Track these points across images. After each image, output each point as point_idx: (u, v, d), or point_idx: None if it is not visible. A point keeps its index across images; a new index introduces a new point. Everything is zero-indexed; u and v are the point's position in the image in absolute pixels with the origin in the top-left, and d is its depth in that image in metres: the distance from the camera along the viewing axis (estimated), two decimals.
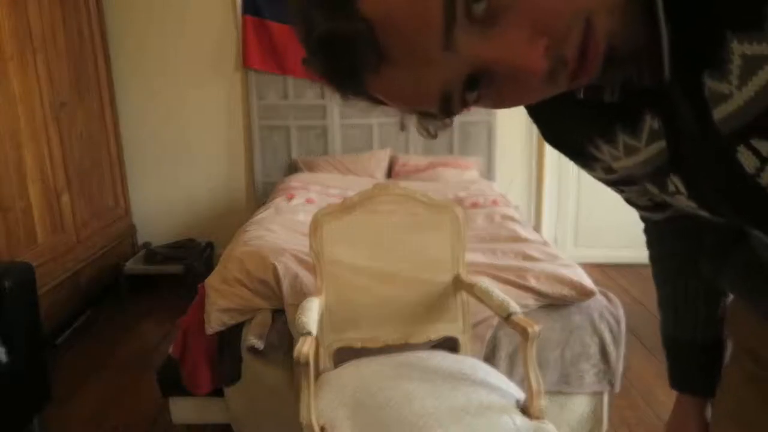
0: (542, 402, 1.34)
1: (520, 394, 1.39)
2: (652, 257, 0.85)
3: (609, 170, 0.66)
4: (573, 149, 0.68)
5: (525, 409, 1.31)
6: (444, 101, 0.44)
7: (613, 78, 0.47)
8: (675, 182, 0.54)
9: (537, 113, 0.66)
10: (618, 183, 0.69)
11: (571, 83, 0.43)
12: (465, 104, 0.44)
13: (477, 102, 0.45)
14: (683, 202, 0.55)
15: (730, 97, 0.43)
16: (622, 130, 0.55)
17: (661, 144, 0.52)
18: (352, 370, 1.49)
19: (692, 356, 0.78)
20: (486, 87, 0.43)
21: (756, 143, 0.43)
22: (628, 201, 0.77)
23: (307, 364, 1.27)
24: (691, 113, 0.46)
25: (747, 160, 0.44)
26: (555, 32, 0.40)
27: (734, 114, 0.43)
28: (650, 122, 0.52)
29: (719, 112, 0.44)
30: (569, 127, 0.64)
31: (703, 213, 0.55)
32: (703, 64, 0.44)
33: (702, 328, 0.77)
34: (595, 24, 0.40)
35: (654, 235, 0.84)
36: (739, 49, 0.40)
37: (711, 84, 0.44)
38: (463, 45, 0.40)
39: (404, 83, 0.43)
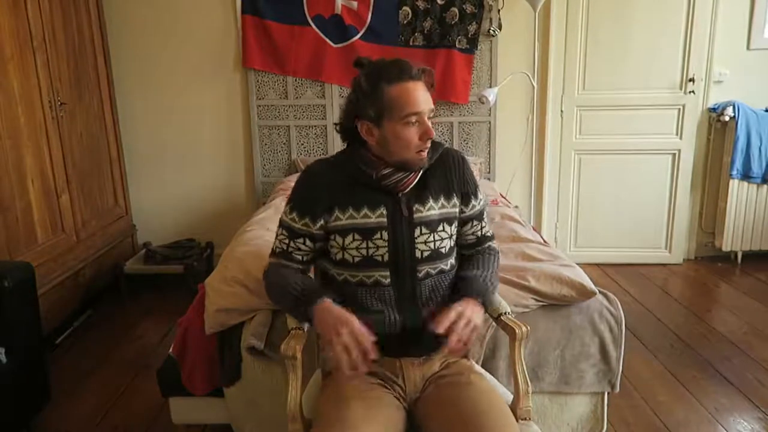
0: (529, 403, 1.34)
1: (508, 395, 1.39)
2: (277, 283, 1.40)
3: (323, 225, 1.36)
4: (322, 206, 1.35)
5: (512, 410, 1.31)
6: None
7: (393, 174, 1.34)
8: (382, 235, 1.33)
9: (323, 182, 1.36)
10: (312, 237, 1.38)
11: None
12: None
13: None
14: (375, 243, 1.34)
15: (421, 213, 1.36)
16: (365, 208, 1.34)
17: (383, 220, 1.33)
18: None
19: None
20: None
21: (423, 227, 1.36)
22: (287, 251, 1.40)
23: (294, 357, 1.30)
24: (407, 212, 1.35)
25: (418, 233, 1.36)
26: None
27: (421, 218, 1.36)
28: (382, 209, 1.34)
29: (416, 216, 1.36)
30: (336, 196, 1.34)
31: (381, 248, 1.34)
32: (418, 200, 1.37)
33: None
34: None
35: (280, 272, 1.40)
36: (433, 205, 1.38)
37: (418, 206, 1.36)
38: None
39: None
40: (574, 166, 3.78)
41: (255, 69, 3.57)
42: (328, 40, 3.52)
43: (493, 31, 3.51)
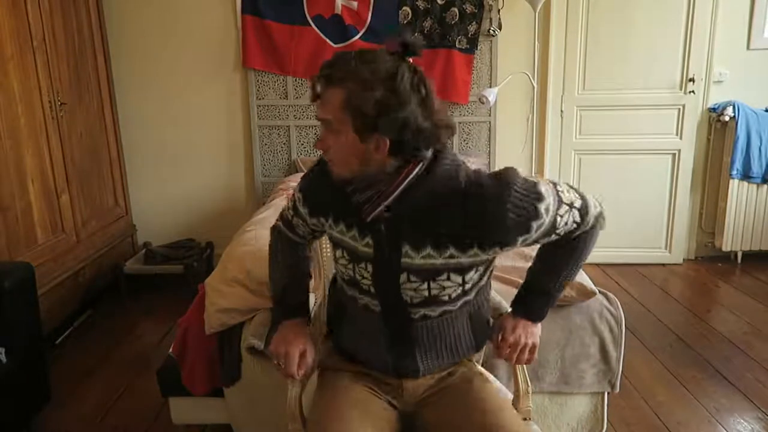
0: (529, 403, 1.34)
1: (508, 395, 1.39)
2: (275, 257, 1.38)
3: (319, 226, 1.26)
4: (319, 207, 1.21)
5: None
6: None
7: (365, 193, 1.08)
8: (367, 266, 1.14)
9: (329, 185, 1.14)
10: (308, 224, 1.28)
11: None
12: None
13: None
14: (360, 272, 1.16)
15: (411, 259, 1.09)
16: (355, 230, 1.14)
17: (369, 251, 1.12)
18: None
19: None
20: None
21: (411, 275, 1.10)
22: (291, 223, 1.32)
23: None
24: (390, 253, 1.10)
25: (404, 279, 1.11)
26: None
27: (410, 265, 1.09)
28: (369, 239, 1.12)
29: (404, 261, 1.10)
30: (336, 203, 1.15)
31: (365, 279, 1.16)
32: (408, 241, 1.08)
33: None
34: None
35: (283, 247, 1.37)
36: (433, 254, 1.07)
37: (408, 249, 1.09)
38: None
39: None
40: (574, 166, 3.78)
41: (255, 69, 3.57)
42: (328, 40, 3.51)
43: (493, 31, 3.51)
